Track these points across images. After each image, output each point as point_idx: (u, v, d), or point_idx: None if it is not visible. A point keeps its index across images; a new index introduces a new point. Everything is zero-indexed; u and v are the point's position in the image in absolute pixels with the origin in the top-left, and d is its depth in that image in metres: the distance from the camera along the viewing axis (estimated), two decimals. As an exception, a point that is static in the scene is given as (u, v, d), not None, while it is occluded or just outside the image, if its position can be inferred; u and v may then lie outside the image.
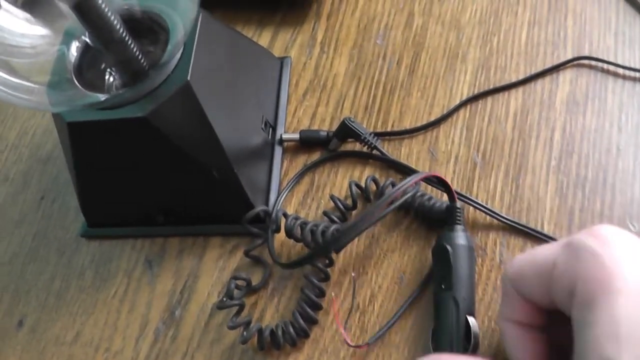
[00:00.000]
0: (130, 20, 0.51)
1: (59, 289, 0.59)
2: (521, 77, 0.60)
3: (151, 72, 0.50)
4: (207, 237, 0.58)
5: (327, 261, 0.53)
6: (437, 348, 0.47)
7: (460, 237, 0.49)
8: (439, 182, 0.52)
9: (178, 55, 0.51)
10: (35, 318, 0.58)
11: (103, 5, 0.47)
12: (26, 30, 0.50)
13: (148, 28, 0.52)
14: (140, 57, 0.50)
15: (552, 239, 0.52)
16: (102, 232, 0.61)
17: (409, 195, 0.52)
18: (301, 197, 0.58)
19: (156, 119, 0.49)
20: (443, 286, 0.48)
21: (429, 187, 0.55)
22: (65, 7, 0.47)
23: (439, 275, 0.49)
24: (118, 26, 0.48)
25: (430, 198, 0.53)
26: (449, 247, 0.49)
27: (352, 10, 0.67)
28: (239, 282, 0.53)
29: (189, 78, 0.49)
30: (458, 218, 0.51)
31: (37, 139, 0.67)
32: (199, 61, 0.51)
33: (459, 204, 0.51)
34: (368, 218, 0.48)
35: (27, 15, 0.50)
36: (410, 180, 0.49)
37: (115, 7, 0.49)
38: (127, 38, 0.49)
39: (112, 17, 0.47)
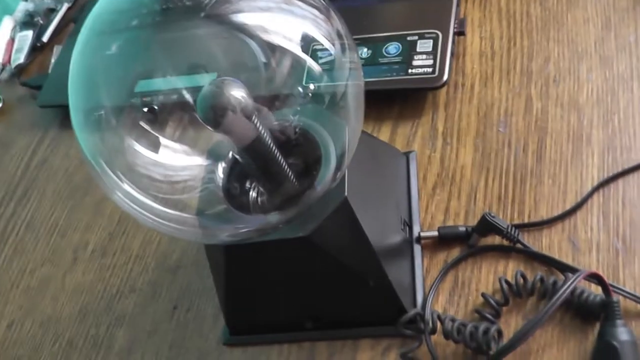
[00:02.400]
0: (279, 136, 0.56)
1: (206, 399, 0.65)
2: (647, 155, 0.66)
3: (305, 195, 0.55)
4: (355, 340, 0.63)
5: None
6: None
7: (623, 332, 0.55)
8: (593, 276, 0.57)
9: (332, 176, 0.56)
10: None
11: (266, 136, 0.52)
12: (186, 162, 0.56)
13: (296, 142, 0.58)
14: (295, 182, 0.55)
15: None
16: (246, 340, 0.66)
17: (565, 291, 0.57)
18: (447, 294, 0.63)
19: (317, 237, 0.55)
20: (615, 385, 0.53)
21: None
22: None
23: (609, 373, 0.54)
24: (277, 154, 0.53)
25: (582, 291, 0.59)
26: (616, 344, 0.54)
27: (469, 98, 0.73)
28: (402, 387, 0.59)
29: (346, 194, 0.55)
30: (617, 313, 0.56)
31: (162, 248, 0.73)
32: (351, 174, 0.57)
33: (615, 297, 0.57)
34: (539, 321, 0.53)
35: (185, 147, 0.55)
36: (575, 279, 0.55)
37: (269, 126, 0.53)
38: (284, 165, 0.54)
39: (272, 146, 0.53)
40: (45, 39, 0.99)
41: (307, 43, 0.53)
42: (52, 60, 0.94)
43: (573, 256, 0.62)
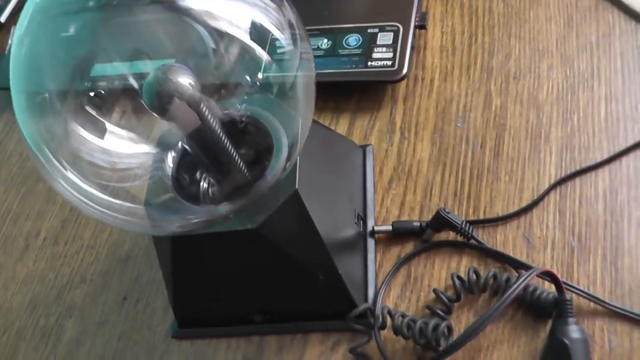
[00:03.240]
0: (229, 125, 0.55)
1: (152, 392, 0.63)
2: (605, 155, 0.65)
3: (256, 186, 0.54)
4: (305, 334, 0.62)
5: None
6: None
7: (575, 330, 0.54)
8: (547, 274, 0.56)
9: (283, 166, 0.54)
10: (128, 423, 0.62)
11: (214, 124, 0.50)
12: (133, 149, 0.54)
13: (246, 132, 0.56)
14: (245, 172, 0.54)
15: (660, 324, 0.56)
16: (194, 333, 0.64)
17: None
18: (399, 290, 0.62)
19: (266, 229, 0.54)
20: (564, 382, 0.52)
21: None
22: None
23: (558, 370, 0.53)
24: (225, 142, 0.52)
25: (535, 289, 0.58)
26: (567, 342, 0.53)
27: (428, 92, 0.72)
28: (349, 382, 0.58)
29: (297, 187, 0.54)
30: (570, 311, 0.55)
31: (114, 238, 0.71)
32: (303, 167, 0.55)
33: (567, 295, 0.56)
34: (490, 318, 0.52)
35: (132, 134, 0.53)
36: (527, 278, 0.53)
37: (217, 114, 0.52)
38: (233, 153, 0.53)
39: (220, 133, 0.51)
40: (2, 19, 0.95)
41: (258, 31, 0.51)
42: (9, 42, 0.91)
43: (527, 253, 0.61)
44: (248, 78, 0.52)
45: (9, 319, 0.70)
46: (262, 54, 0.51)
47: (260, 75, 0.51)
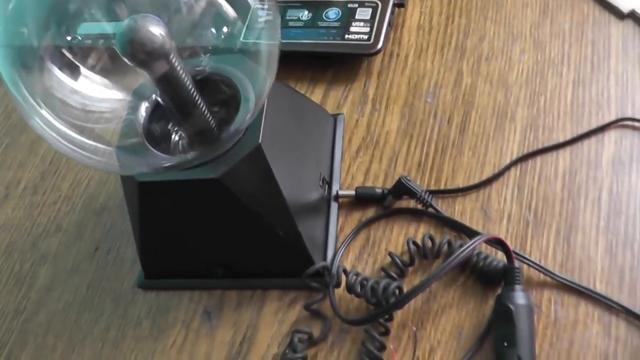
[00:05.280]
0: (200, 80, 0.56)
1: (115, 338, 0.63)
2: (568, 137, 0.65)
3: (222, 137, 0.55)
4: (264, 290, 0.62)
5: (386, 316, 0.57)
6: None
7: (520, 297, 0.54)
8: (498, 243, 0.57)
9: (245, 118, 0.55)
10: (91, 367, 0.63)
11: (182, 74, 0.51)
12: (105, 95, 0.55)
13: (217, 88, 0.57)
14: (211, 121, 0.55)
15: (606, 298, 0.56)
16: (159, 284, 0.65)
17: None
18: (357, 252, 0.62)
19: (228, 180, 0.54)
20: (506, 344, 0.53)
21: (484, 244, 0.60)
22: (140, 71, 0.52)
23: (501, 333, 0.54)
24: (192, 90, 0.53)
25: (487, 257, 0.58)
26: (511, 307, 0.53)
27: (402, 68, 0.73)
28: (301, 336, 0.58)
29: (260, 141, 0.54)
30: (517, 278, 0.55)
31: (90, 190, 0.72)
32: (268, 123, 0.56)
33: (517, 264, 0.56)
34: (433, 279, 0.53)
35: (105, 81, 0.55)
36: (475, 242, 0.54)
37: (189, 69, 0.53)
38: (200, 102, 0.54)
39: (188, 82, 0.52)
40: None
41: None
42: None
43: (484, 224, 0.62)
44: (214, 31, 0.53)
45: (-14, 264, 0.71)
46: (229, 10, 0.52)
47: (225, 29, 0.53)
